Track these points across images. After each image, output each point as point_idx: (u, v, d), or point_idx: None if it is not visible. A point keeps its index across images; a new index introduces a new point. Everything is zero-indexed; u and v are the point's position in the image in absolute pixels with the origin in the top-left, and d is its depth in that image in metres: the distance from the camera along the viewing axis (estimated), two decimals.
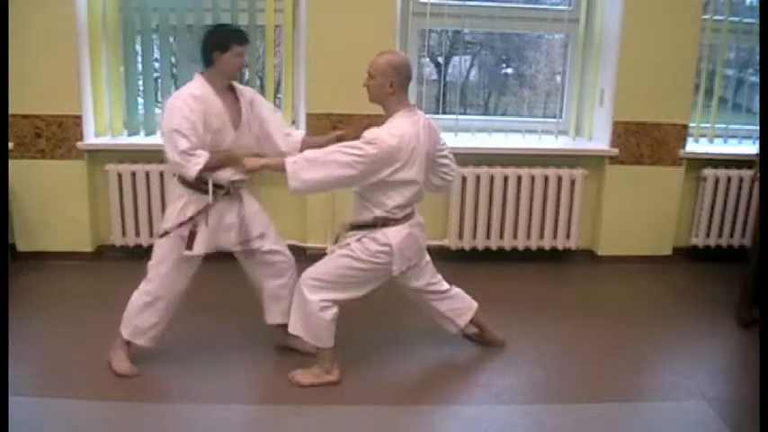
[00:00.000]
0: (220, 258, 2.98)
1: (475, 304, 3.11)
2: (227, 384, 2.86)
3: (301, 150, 2.91)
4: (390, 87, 2.65)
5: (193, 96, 2.65)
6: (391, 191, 2.69)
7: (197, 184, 2.72)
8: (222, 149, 2.73)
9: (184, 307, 2.99)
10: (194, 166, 2.62)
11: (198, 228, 2.74)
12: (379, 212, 2.72)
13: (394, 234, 2.73)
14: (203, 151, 2.64)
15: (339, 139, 2.93)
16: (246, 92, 2.87)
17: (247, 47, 2.76)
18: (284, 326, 2.96)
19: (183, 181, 2.75)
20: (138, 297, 2.83)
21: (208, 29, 2.87)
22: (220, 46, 2.68)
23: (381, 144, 2.58)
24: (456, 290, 3.09)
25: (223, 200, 2.80)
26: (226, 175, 2.75)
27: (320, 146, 2.98)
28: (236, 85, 2.85)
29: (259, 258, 2.93)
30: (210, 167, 2.67)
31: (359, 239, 2.75)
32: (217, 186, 2.75)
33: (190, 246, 2.74)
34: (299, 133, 2.97)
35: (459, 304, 3.08)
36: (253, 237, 2.89)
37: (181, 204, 2.76)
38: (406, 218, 2.77)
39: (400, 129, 2.63)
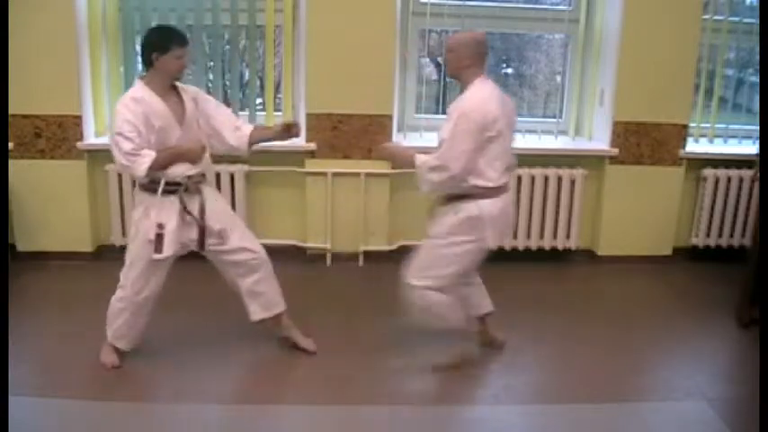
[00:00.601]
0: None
1: (486, 309, 3.11)
2: (226, 384, 2.87)
3: (251, 143, 2.91)
4: (468, 59, 2.73)
5: (134, 99, 2.66)
6: (488, 156, 2.70)
7: (153, 186, 2.72)
8: (169, 147, 2.72)
9: (182, 307, 2.99)
10: (140, 165, 2.62)
11: (165, 230, 2.73)
12: (475, 181, 2.72)
13: (488, 206, 2.74)
14: (149, 151, 2.65)
15: (288, 128, 2.94)
16: (190, 89, 2.87)
17: (188, 48, 2.74)
18: (272, 318, 2.97)
19: (142, 186, 2.76)
20: (113, 304, 2.86)
21: (148, 30, 2.84)
22: (160, 48, 2.67)
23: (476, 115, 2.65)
24: (479, 282, 3.09)
25: (183, 196, 2.77)
26: (179, 171, 2.74)
27: (269, 137, 2.98)
28: (179, 84, 2.84)
29: (226, 257, 2.90)
30: (159, 166, 2.67)
31: (448, 219, 2.77)
32: (173, 184, 2.74)
33: (159, 249, 2.73)
34: (249, 127, 2.96)
35: (475, 297, 3.09)
36: (214, 232, 2.84)
37: (142, 209, 2.77)
38: (500, 190, 2.77)
39: (482, 95, 2.70)
